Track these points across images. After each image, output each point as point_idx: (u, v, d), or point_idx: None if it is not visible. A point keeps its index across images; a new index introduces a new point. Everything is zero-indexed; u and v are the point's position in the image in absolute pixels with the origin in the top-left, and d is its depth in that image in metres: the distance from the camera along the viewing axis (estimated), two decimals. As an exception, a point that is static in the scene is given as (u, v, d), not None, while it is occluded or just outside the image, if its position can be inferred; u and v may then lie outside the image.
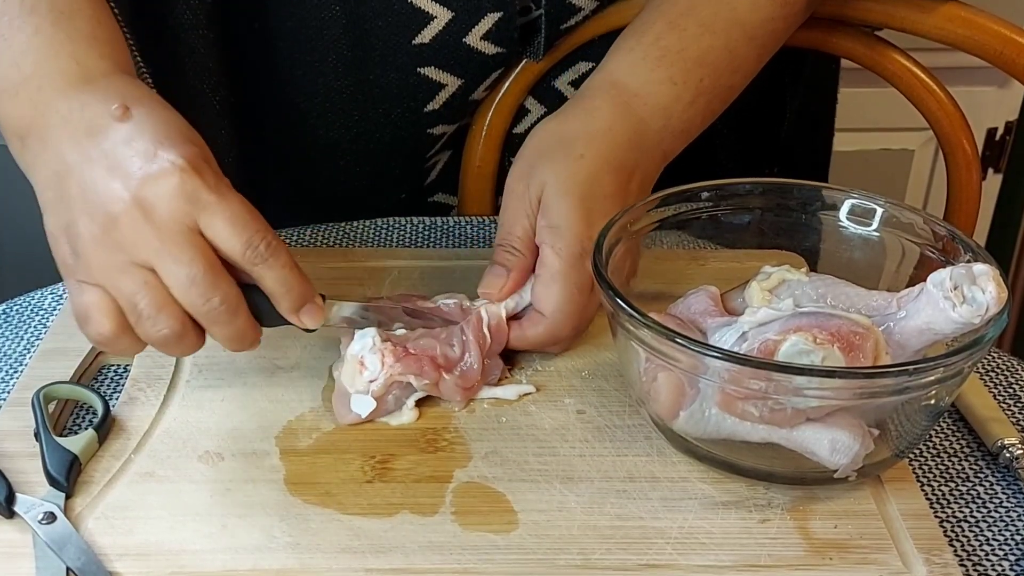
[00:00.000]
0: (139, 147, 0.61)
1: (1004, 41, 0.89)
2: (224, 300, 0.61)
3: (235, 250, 0.61)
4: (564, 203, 0.71)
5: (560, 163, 0.73)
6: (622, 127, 0.76)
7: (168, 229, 0.60)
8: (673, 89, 0.77)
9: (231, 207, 0.61)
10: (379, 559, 0.58)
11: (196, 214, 0.60)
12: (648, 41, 0.79)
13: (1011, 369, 0.76)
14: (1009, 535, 0.63)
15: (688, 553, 0.59)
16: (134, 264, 0.60)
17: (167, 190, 0.60)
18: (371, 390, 0.67)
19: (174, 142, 0.61)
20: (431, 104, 0.92)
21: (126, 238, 0.60)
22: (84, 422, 0.69)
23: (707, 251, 0.80)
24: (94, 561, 0.57)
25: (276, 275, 0.63)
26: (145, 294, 0.60)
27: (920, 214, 0.70)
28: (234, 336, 0.63)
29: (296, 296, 0.64)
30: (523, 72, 0.96)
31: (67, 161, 0.63)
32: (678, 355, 0.59)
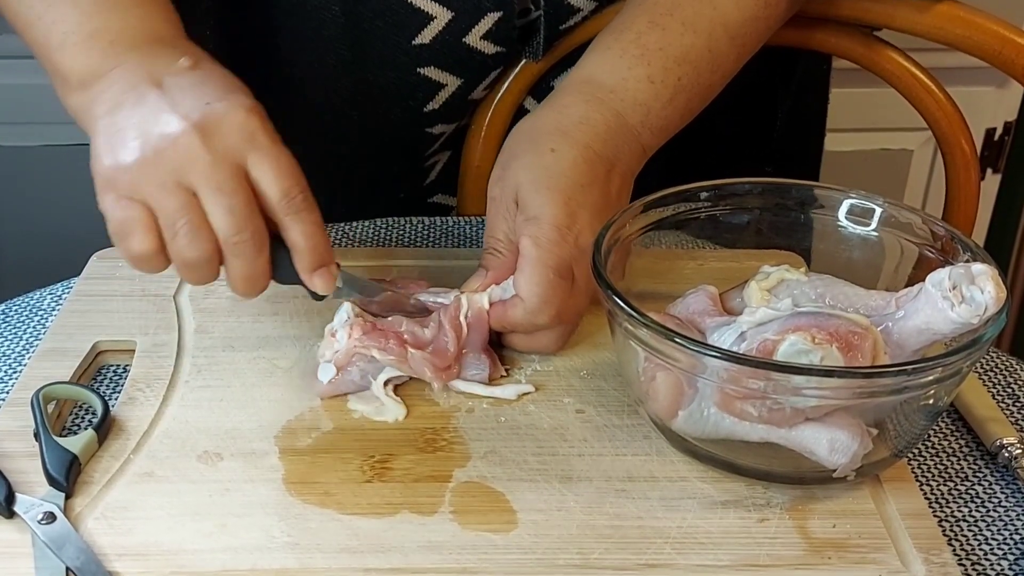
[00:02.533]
0: (207, 90, 0.65)
1: (1003, 41, 0.89)
2: (253, 236, 0.64)
3: (273, 195, 0.64)
4: (540, 196, 0.71)
5: (532, 160, 0.73)
6: (598, 119, 0.75)
7: (221, 158, 0.63)
8: (651, 87, 0.77)
9: (281, 156, 0.65)
10: (378, 559, 0.58)
11: (248, 153, 0.64)
12: (628, 39, 0.79)
13: (1010, 369, 0.77)
14: (1008, 535, 0.63)
15: (687, 552, 0.59)
16: (180, 185, 0.63)
17: (231, 122, 0.64)
18: (334, 358, 0.69)
19: (242, 92, 0.66)
20: (431, 104, 0.92)
21: (179, 158, 0.63)
22: (83, 422, 0.69)
23: (706, 251, 0.80)
24: (93, 561, 0.57)
25: (303, 229, 0.66)
26: (186, 214, 0.63)
27: (919, 214, 0.70)
28: (249, 275, 0.66)
29: (317, 255, 0.67)
30: (522, 72, 0.96)
31: (129, 99, 0.65)
32: (677, 355, 0.59)
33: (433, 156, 0.99)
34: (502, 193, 0.74)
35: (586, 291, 0.72)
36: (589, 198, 0.72)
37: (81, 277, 0.81)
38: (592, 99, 0.76)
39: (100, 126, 0.66)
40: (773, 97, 1.03)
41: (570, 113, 0.76)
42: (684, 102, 0.79)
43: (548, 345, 0.73)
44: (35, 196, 1.72)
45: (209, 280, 0.67)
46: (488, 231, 0.75)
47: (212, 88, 0.66)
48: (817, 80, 1.09)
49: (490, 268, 0.73)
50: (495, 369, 0.71)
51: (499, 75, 0.95)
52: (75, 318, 0.76)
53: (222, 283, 0.80)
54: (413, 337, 0.70)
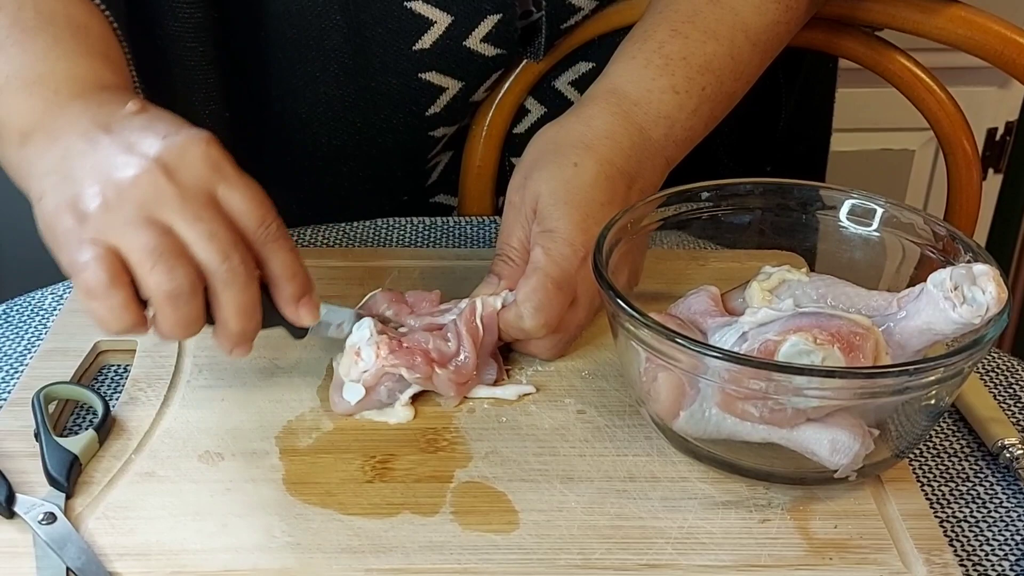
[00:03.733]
0: (160, 127, 0.61)
1: (1004, 41, 0.89)
2: (243, 261, 0.60)
3: (249, 225, 0.61)
4: (558, 210, 0.71)
5: (554, 172, 0.73)
6: (622, 134, 0.75)
7: (190, 189, 0.59)
8: (676, 98, 0.77)
9: (250, 184, 0.62)
10: (379, 559, 0.58)
11: (216, 183, 0.60)
12: (651, 48, 0.78)
13: (1011, 369, 0.76)
14: (1009, 535, 0.63)
15: (688, 553, 0.59)
16: (150, 219, 0.59)
17: (193, 153, 0.60)
18: (362, 379, 0.67)
19: (195, 127, 0.62)
20: (432, 108, 0.92)
21: (145, 195, 0.59)
22: (84, 422, 0.69)
23: (707, 251, 0.80)
24: (94, 561, 0.57)
25: (284, 258, 0.63)
26: (162, 243, 0.58)
27: (920, 214, 0.70)
28: (243, 306, 0.61)
29: (299, 284, 0.64)
30: (523, 72, 0.96)
31: (77, 149, 0.61)
32: (678, 355, 0.59)
33: (434, 158, 0.99)
34: (522, 200, 0.73)
35: (588, 307, 0.73)
36: (606, 216, 0.71)
37: (82, 277, 0.81)
38: (618, 112, 0.76)
39: (48, 184, 0.62)
40: (777, 95, 1.03)
41: (595, 126, 0.75)
42: (708, 111, 0.79)
43: (541, 351, 0.73)
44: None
45: (195, 322, 0.61)
46: (503, 237, 0.74)
47: (165, 124, 0.62)
48: (823, 79, 1.09)
49: (502, 276, 0.73)
50: (500, 373, 0.71)
51: (500, 75, 0.95)
52: (76, 318, 0.76)
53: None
54: (439, 354, 0.69)
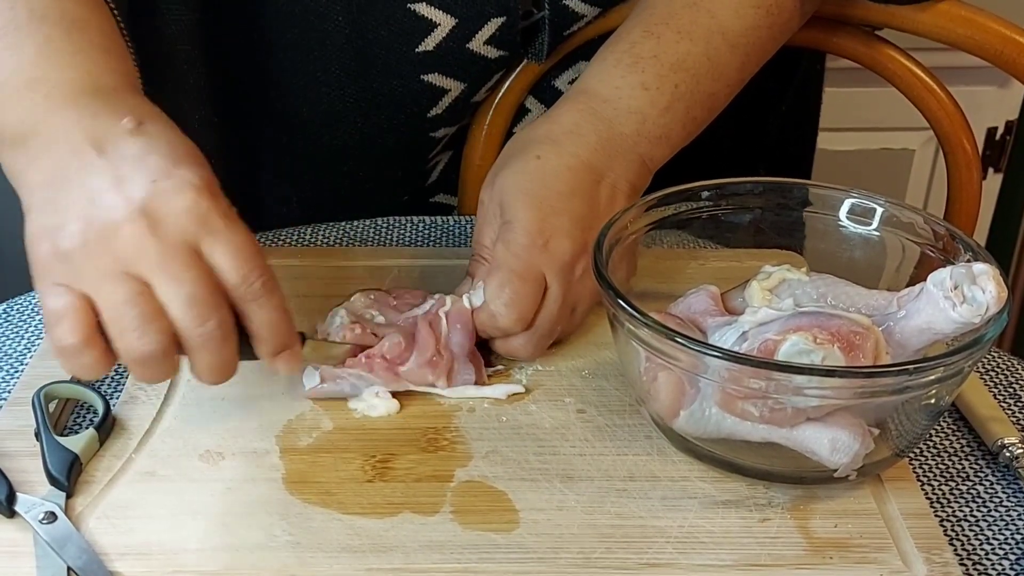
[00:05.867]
0: (152, 163, 0.59)
1: (1004, 40, 0.89)
2: (220, 326, 0.58)
3: (231, 281, 0.58)
4: (517, 201, 0.72)
5: (517, 166, 0.74)
6: (588, 129, 0.76)
7: (172, 245, 0.57)
8: (646, 94, 0.77)
9: (237, 237, 0.59)
10: (379, 558, 0.58)
11: (201, 236, 0.58)
12: (622, 49, 0.79)
13: (1011, 368, 0.76)
14: (1009, 534, 0.63)
15: (688, 552, 0.59)
16: (128, 275, 0.57)
17: (179, 206, 0.58)
18: (320, 368, 0.68)
19: (189, 163, 0.60)
20: (434, 109, 0.92)
21: (126, 247, 0.57)
22: (85, 421, 0.69)
23: (707, 250, 0.80)
24: (95, 560, 0.57)
25: (264, 316, 0.60)
26: (137, 304, 0.57)
27: (920, 213, 0.70)
28: (218, 366, 0.60)
29: (278, 342, 0.61)
30: (523, 72, 0.96)
31: (69, 167, 0.60)
32: (678, 354, 0.59)
33: (435, 158, 0.99)
34: (490, 199, 0.74)
35: (562, 299, 0.71)
36: (568, 205, 0.71)
37: (82, 276, 0.81)
38: (584, 109, 0.77)
39: (36, 200, 0.61)
40: (768, 99, 1.03)
41: (562, 122, 0.76)
42: (684, 110, 0.79)
43: (519, 351, 0.72)
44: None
45: (167, 377, 0.60)
46: (476, 237, 0.75)
47: (158, 159, 0.59)
48: (812, 82, 1.09)
49: (476, 275, 0.73)
50: (480, 375, 0.71)
51: (501, 75, 0.95)
52: (76, 317, 0.76)
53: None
54: (395, 354, 0.69)
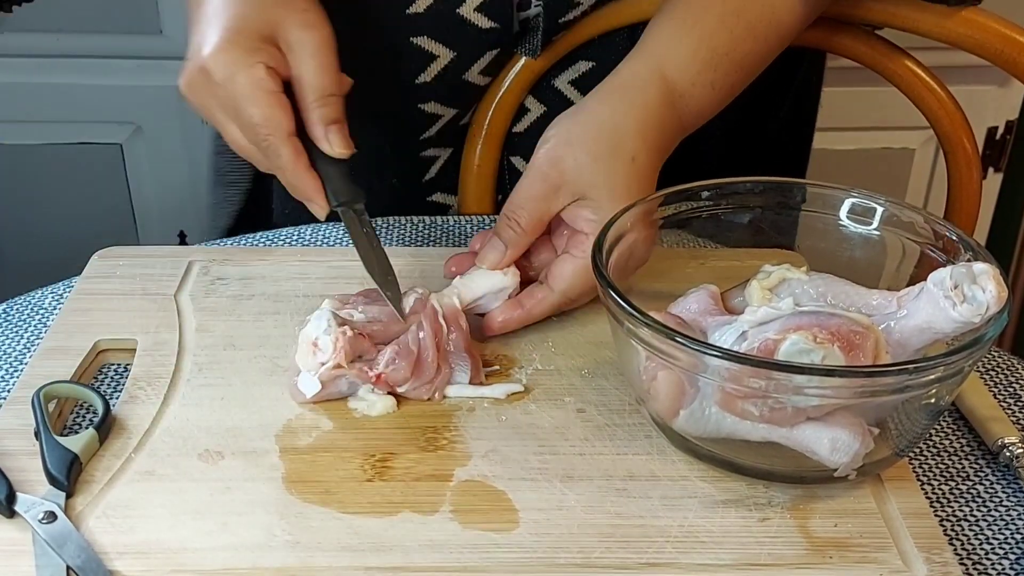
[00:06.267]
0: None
1: (1004, 40, 0.89)
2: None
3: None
4: (616, 205, 0.71)
5: (614, 165, 0.73)
6: (669, 126, 0.77)
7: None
8: (711, 93, 0.79)
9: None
10: (379, 557, 0.58)
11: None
12: (698, 36, 0.78)
13: (1011, 368, 0.76)
14: (1009, 534, 0.63)
15: (688, 552, 0.59)
16: None
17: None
18: (319, 372, 0.67)
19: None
20: (423, 76, 0.92)
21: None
22: (84, 421, 0.69)
23: (707, 250, 0.80)
24: (94, 559, 0.57)
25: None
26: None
27: (920, 213, 0.70)
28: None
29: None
30: (523, 71, 0.96)
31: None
32: (678, 354, 0.59)
33: (430, 146, 0.99)
34: (560, 177, 0.73)
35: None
36: None
37: (82, 276, 0.81)
38: (668, 103, 0.77)
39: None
40: (770, 100, 1.03)
41: (651, 116, 0.76)
42: (727, 103, 0.81)
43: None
44: (35, 195, 1.73)
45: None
46: (517, 200, 0.74)
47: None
48: (811, 83, 1.09)
49: (508, 244, 0.73)
50: (477, 372, 0.71)
51: (495, 60, 0.94)
52: (76, 317, 0.76)
53: (223, 283, 0.80)
54: (398, 379, 0.69)
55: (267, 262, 0.83)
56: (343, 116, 0.72)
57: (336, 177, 0.72)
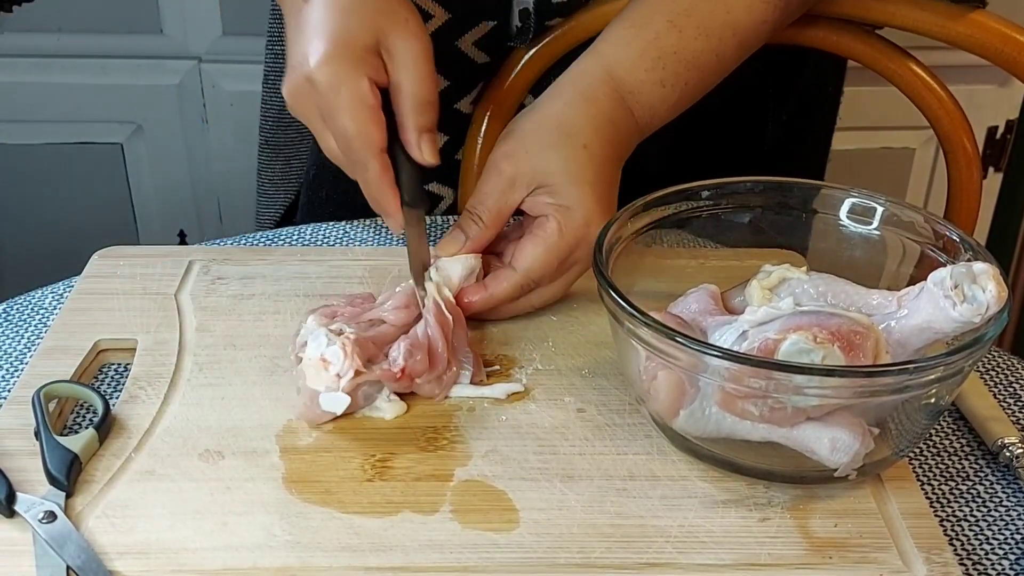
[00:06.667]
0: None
1: (1004, 39, 0.89)
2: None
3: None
4: (576, 189, 0.74)
5: (567, 152, 0.75)
6: (620, 119, 0.78)
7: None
8: (662, 91, 0.79)
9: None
10: (379, 557, 0.58)
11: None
12: (647, 38, 0.80)
13: (1011, 368, 0.76)
14: (1009, 534, 0.63)
15: (688, 551, 0.59)
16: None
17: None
18: (341, 386, 0.66)
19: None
20: None
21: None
22: (84, 421, 0.69)
23: (707, 250, 0.80)
24: (94, 559, 0.57)
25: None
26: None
27: (920, 213, 0.70)
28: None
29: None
30: (523, 69, 0.96)
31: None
32: (678, 354, 0.59)
33: None
34: (515, 171, 0.75)
35: (573, 280, 0.76)
36: (613, 196, 0.75)
37: (82, 276, 0.81)
38: (616, 98, 0.78)
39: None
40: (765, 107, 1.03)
41: (600, 110, 0.77)
42: (685, 104, 0.82)
43: (510, 312, 0.77)
44: (36, 195, 1.73)
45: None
46: (479, 196, 0.76)
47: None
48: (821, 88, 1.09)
49: (469, 235, 0.75)
50: (478, 370, 0.71)
51: (490, 36, 0.95)
52: (76, 316, 0.76)
53: (223, 283, 0.80)
54: (414, 370, 0.69)
55: (267, 262, 0.83)
56: (436, 125, 0.74)
57: (411, 180, 0.74)
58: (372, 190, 0.74)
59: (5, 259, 1.77)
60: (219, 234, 1.65)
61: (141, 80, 1.65)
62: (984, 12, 0.89)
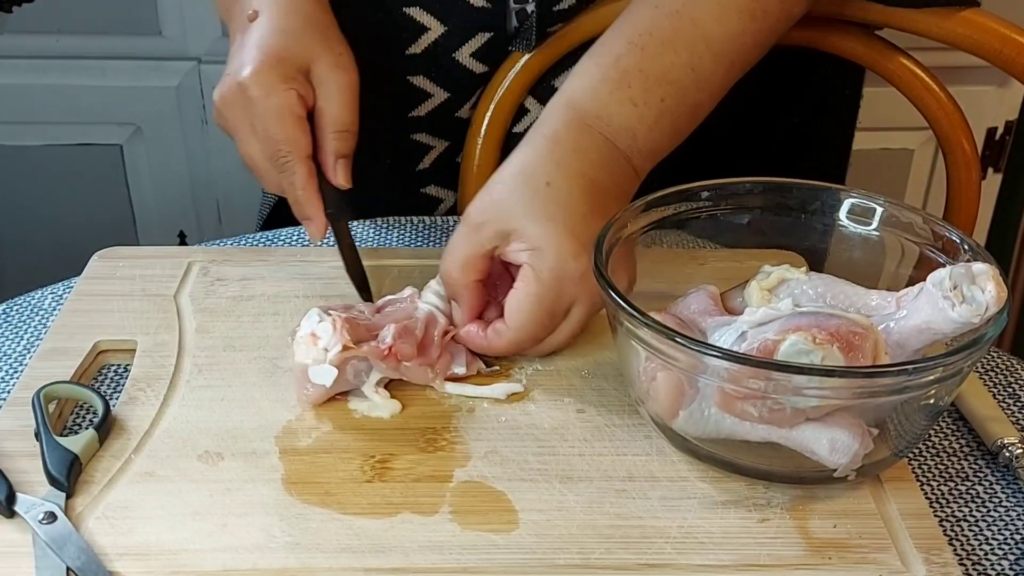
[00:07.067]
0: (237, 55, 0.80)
1: (1003, 40, 0.89)
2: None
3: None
4: (540, 227, 0.71)
5: (528, 193, 0.72)
6: (589, 147, 0.75)
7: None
8: (634, 110, 0.76)
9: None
10: (379, 558, 0.58)
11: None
12: (607, 62, 0.78)
13: (1010, 368, 0.76)
14: (1008, 534, 0.63)
15: (687, 552, 0.59)
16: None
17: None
18: (328, 358, 0.66)
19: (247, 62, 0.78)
20: (413, 47, 0.94)
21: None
22: (84, 422, 0.69)
23: (707, 250, 0.80)
24: (94, 560, 0.57)
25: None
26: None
27: (919, 213, 0.70)
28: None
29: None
30: (522, 71, 0.96)
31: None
32: (678, 354, 0.59)
33: (422, 130, 0.99)
34: (480, 216, 0.72)
35: (580, 324, 0.73)
36: (592, 225, 0.70)
37: (82, 277, 0.81)
38: (580, 126, 0.75)
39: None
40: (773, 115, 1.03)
41: (562, 142, 0.74)
42: (670, 123, 0.78)
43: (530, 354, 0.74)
44: (35, 196, 1.73)
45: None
46: (447, 249, 0.74)
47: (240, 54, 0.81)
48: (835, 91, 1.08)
49: (456, 299, 0.74)
50: (472, 360, 0.72)
51: (488, 46, 0.95)
52: (76, 318, 0.76)
53: (223, 284, 0.81)
54: (404, 346, 0.69)
55: (267, 262, 0.83)
56: (352, 152, 0.79)
57: (333, 194, 0.79)
58: (297, 193, 0.78)
59: (5, 259, 1.77)
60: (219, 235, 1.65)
61: (140, 81, 1.65)
62: (982, 12, 0.89)
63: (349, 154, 0.79)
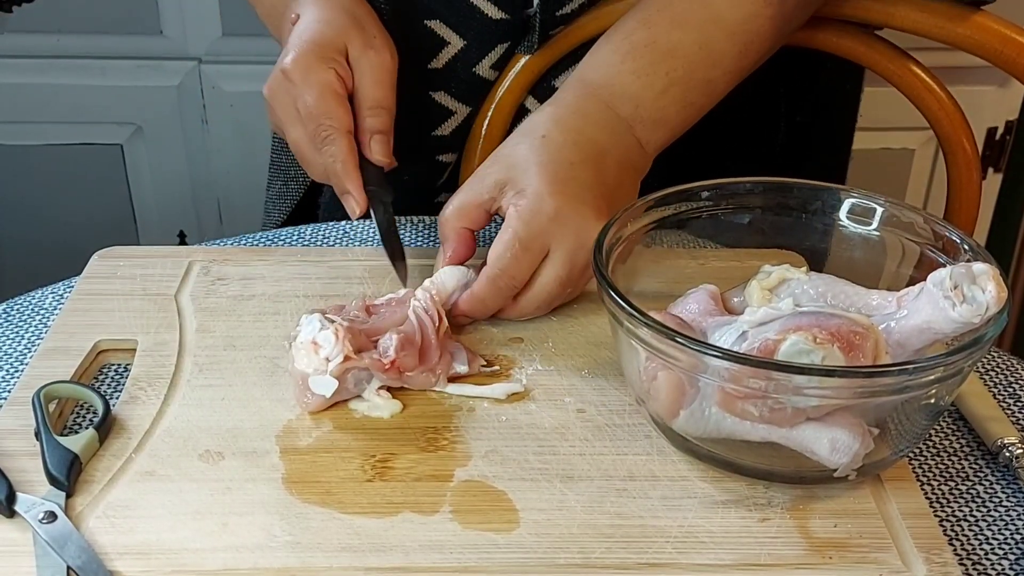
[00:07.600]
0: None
1: (1004, 40, 0.89)
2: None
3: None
4: (525, 172, 0.75)
5: (525, 144, 0.77)
6: (589, 108, 0.79)
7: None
8: (639, 80, 0.80)
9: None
10: (379, 558, 0.58)
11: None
12: (618, 39, 0.82)
13: (1011, 368, 0.77)
14: (1009, 534, 0.63)
15: (688, 552, 0.59)
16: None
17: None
18: (329, 369, 0.67)
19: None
20: (434, 62, 0.95)
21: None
22: (85, 421, 0.69)
23: (707, 250, 0.80)
24: (94, 560, 0.57)
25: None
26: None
27: (920, 213, 0.70)
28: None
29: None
30: (523, 71, 0.96)
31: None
32: (678, 354, 0.59)
33: (445, 149, 0.99)
34: (483, 170, 0.77)
35: (562, 267, 0.74)
36: (579, 174, 0.75)
37: (82, 276, 0.81)
38: (584, 92, 0.81)
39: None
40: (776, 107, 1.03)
41: (563, 104, 0.80)
42: (680, 95, 0.81)
43: (513, 313, 0.76)
44: (36, 196, 1.73)
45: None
46: (454, 195, 0.78)
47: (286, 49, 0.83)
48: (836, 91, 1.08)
49: (446, 239, 0.77)
50: (473, 358, 0.72)
51: (503, 55, 0.95)
52: (76, 317, 0.77)
53: (224, 283, 0.81)
54: (407, 358, 0.69)
55: (267, 262, 0.83)
56: (390, 129, 0.82)
57: (374, 172, 0.81)
58: (338, 167, 0.80)
59: (5, 259, 1.77)
60: (219, 234, 1.65)
61: (141, 81, 1.65)
62: (984, 13, 0.89)
63: (384, 130, 0.82)
